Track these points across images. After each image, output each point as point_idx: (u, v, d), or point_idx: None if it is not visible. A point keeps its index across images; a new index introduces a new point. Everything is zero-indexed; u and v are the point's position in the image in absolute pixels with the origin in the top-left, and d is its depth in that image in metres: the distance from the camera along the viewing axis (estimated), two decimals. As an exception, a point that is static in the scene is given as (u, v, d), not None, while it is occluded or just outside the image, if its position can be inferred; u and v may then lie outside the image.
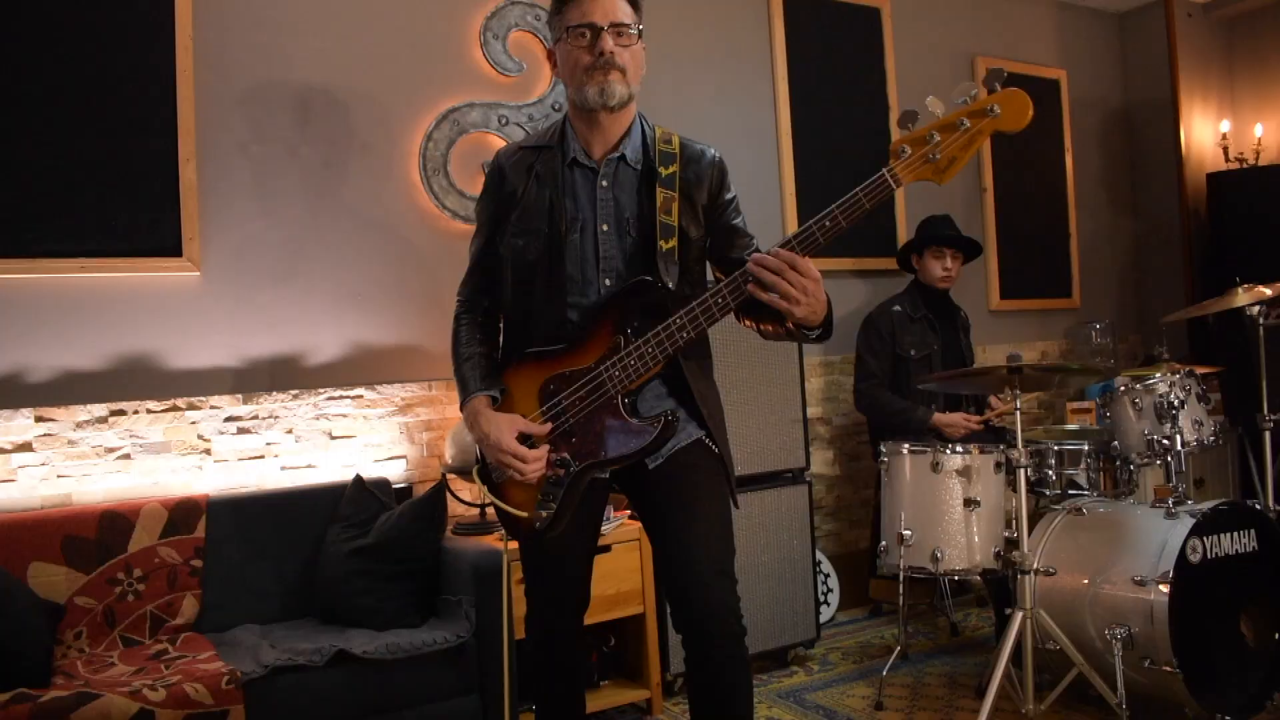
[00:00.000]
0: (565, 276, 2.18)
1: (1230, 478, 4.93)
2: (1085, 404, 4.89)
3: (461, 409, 2.23)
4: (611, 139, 2.22)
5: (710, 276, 2.30)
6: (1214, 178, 5.68)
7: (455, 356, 2.30)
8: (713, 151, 2.28)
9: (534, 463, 2.11)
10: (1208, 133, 5.89)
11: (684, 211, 2.19)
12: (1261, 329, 3.64)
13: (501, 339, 2.35)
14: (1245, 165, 5.72)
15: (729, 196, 2.28)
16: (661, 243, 2.15)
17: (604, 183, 2.21)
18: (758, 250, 2.21)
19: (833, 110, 4.82)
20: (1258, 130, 5.79)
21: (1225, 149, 5.81)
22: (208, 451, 3.35)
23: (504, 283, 2.28)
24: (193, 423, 3.33)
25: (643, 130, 2.26)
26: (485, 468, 2.23)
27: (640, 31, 2.17)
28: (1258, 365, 3.73)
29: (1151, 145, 5.94)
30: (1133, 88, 6.07)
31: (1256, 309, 3.60)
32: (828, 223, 1.95)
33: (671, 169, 2.20)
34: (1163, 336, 4.17)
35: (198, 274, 3.34)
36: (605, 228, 2.19)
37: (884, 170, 1.95)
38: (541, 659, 2.38)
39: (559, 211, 2.19)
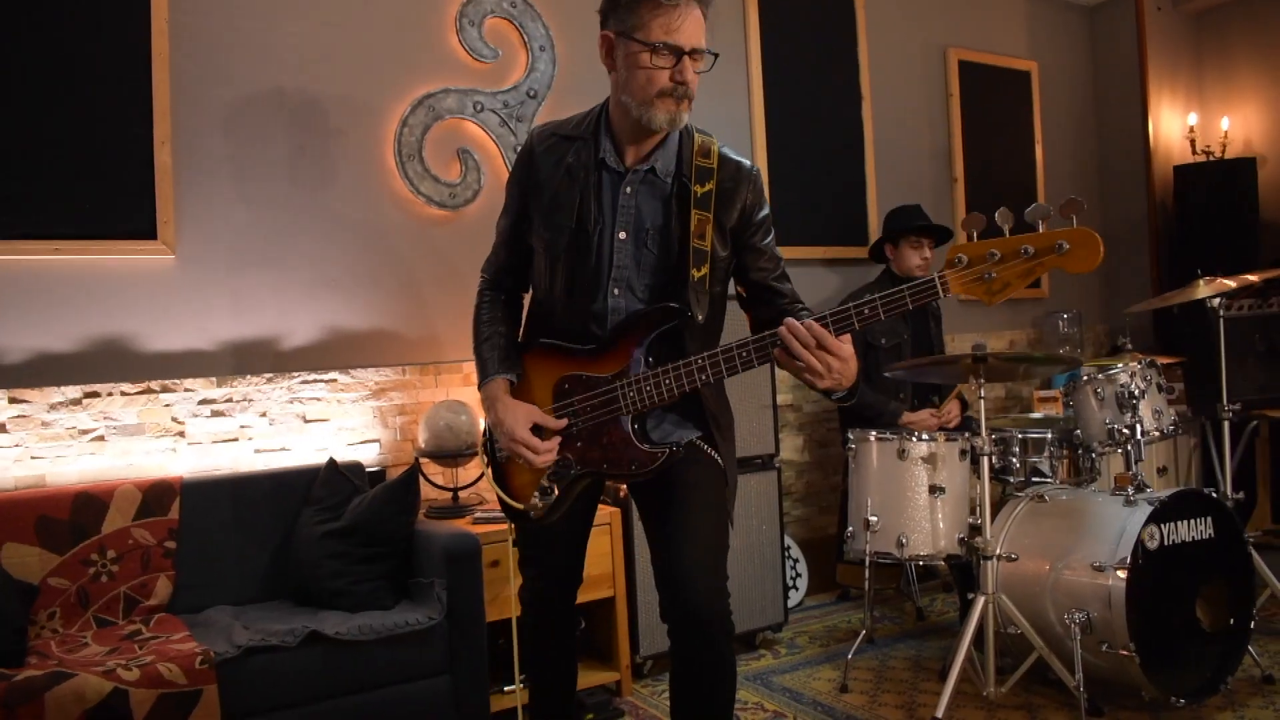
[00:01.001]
0: (584, 277, 2.18)
1: (1192, 466, 5.03)
2: (1051, 393, 4.97)
3: (479, 388, 2.26)
4: (646, 148, 2.17)
5: (731, 290, 2.29)
6: (1180, 170, 5.76)
7: (475, 335, 2.33)
8: (749, 165, 2.22)
9: (545, 454, 2.14)
10: (1175, 125, 5.97)
11: (715, 232, 2.15)
12: (1222, 320, 3.71)
13: (525, 317, 2.38)
14: (1211, 158, 5.81)
15: (761, 215, 2.22)
16: (694, 271, 2.12)
17: (628, 189, 2.17)
18: (782, 275, 2.24)
19: (806, 100, 4.85)
20: (1224, 123, 5.87)
21: (1192, 142, 5.89)
22: (182, 434, 3.36)
23: (535, 267, 2.29)
24: (167, 405, 3.34)
25: (680, 139, 2.19)
26: (491, 447, 2.29)
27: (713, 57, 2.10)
28: (1218, 356, 3.80)
29: (1120, 137, 6.01)
30: (1102, 80, 6.14)
31: (1217, 301, 3.67)
32: (866, 310, 1.93)
33: (708, 186, 2.15)
34: (1127, 327, 4.24)
35: (172, 257, 3.35)
36: (622, 235, 2.16)
37: (935, 275, 1.93)
38: (534, 632, 2.47)
39: (587, 210, 2.16)
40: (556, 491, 2.17)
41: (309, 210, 3.61)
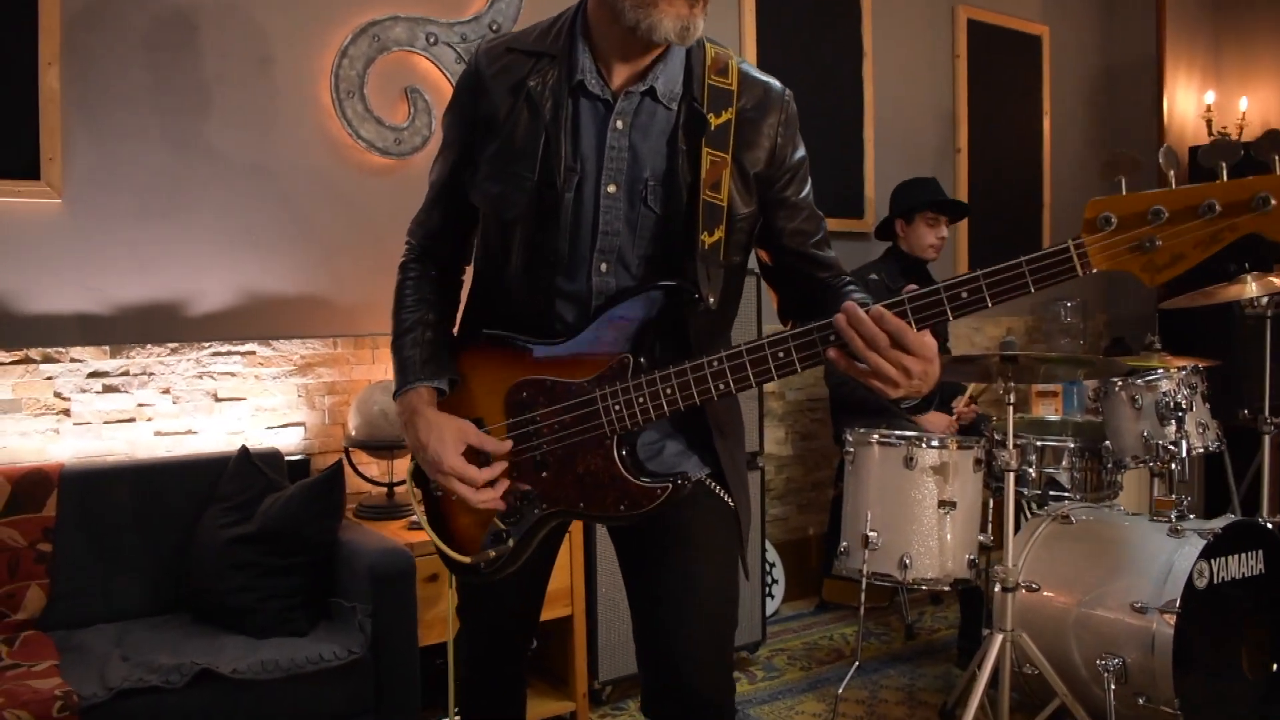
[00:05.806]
0: (553, 249, 1.61)
1: (1197, 483, 4.66)
2: (1052, 387, 4.54)
3: (395, 398, 1.69)
4: (642, 63, 1.59)
5: (753, 261, 1.77)
6: (1196, 151, 5.35)
7: (396, 322, 1.73)
8: (779, 87, 1.66)
9: (486, 489, 1.59)
10: (1191, 103, 5.55)
11: (734, 180, 1.59)
12: (1269, 323, 3.29)
13: (464, 303, 1.80)
14: (1228, 140, 5.40)
15: (798, 157, 1.67)
16: (704, 236, 1.55)
17: (619, 123, 1.59)
18: (824, 240, 1.70)
19: (803, 52, 4.35)
20: (1242, 104, 5.47)
21: (1209, 121, 5.48)
22: (66, 412, 2.84)
23: (479, 235, 1.73)
24: (48, 378, 2.82)
25: (689, 49, 1.60)
26: (423, 476, 1.70)
27: None
28: (1252, 361, 3.39)
29: (1133, 112, 5.57)
30: (1116, 51, 5.69)
31: (1265, 300, 3.25)
32: (965, 294, 1.36)
33: (725, 116, 1.57)
34: (1155, 324, 3.81)
35: (59, 201, 2.82)
36: (612, 189, 1.59)
37: (1070, 243, 1.32)
38: (476, 696, 1.94)
39: (555, 156, 1.58)
40: (513, 541, 1.62)
41: (227, 152, 3.07)
